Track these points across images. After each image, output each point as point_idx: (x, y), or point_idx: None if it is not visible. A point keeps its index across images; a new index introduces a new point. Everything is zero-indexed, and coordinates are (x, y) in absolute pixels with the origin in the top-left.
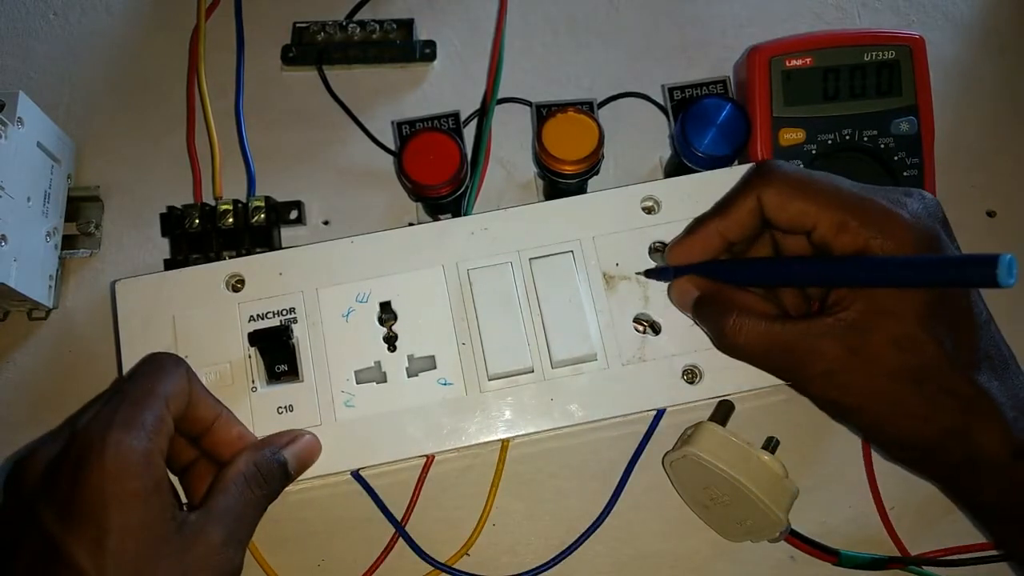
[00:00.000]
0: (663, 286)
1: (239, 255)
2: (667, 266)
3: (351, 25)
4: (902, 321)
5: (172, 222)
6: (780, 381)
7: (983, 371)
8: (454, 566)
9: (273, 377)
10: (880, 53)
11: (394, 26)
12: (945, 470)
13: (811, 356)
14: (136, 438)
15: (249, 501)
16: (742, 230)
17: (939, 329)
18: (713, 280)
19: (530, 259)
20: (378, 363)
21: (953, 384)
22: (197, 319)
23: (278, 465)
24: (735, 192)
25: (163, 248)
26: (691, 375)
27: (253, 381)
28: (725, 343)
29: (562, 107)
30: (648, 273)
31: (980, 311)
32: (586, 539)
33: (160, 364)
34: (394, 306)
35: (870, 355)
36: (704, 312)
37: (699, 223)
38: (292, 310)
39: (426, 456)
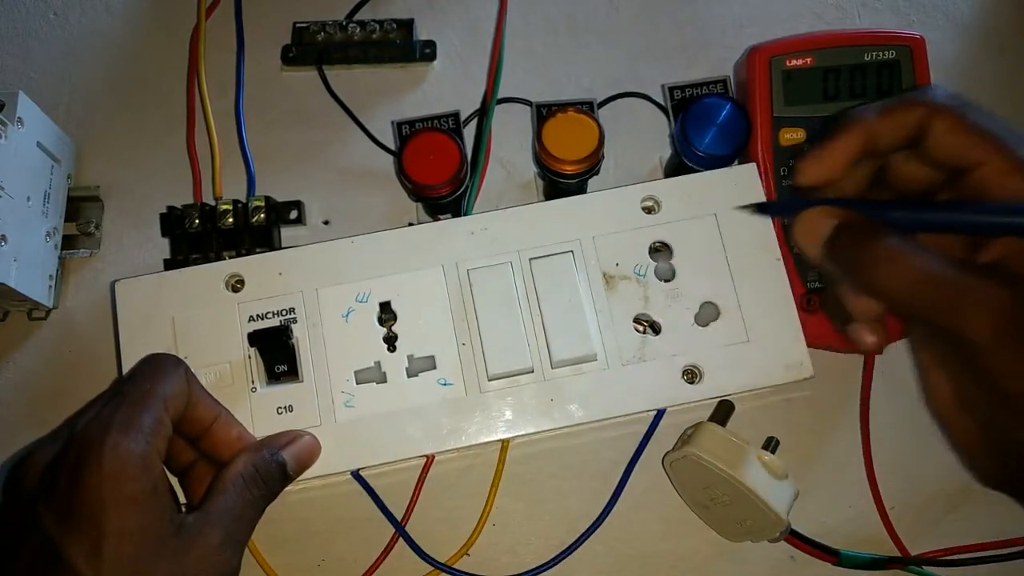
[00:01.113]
0: (664, 286)
1: (239, 255)
2: (789, 199)
3: (351, 25)
4: None
5: (172, 222)
6: (780, 381)
7: None
8: (454, 566)
9: (273, 377)
10: (880, 53)
11: (394, 26)
12: None
13: (975, 306)
14: (134, 440)
15: (248, 502)
16: (894, 139)
17: None
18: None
19: (530, 259)
20: (378, 363)
21: None
22: (197, 319)
23: (277, 466)
24: (901, 100)
25: (163, 248)
26: (691, 375)
27: (253, 381)
28: (876, 272)
29: (562, 107)
30: (761, 207)
31: None
32: (586, 539)
33: (159, 365)
34: (394, 306)
35: None
36: (847, 239)
37: (844, 123)
38: (292, 310)
39: (426, 456)
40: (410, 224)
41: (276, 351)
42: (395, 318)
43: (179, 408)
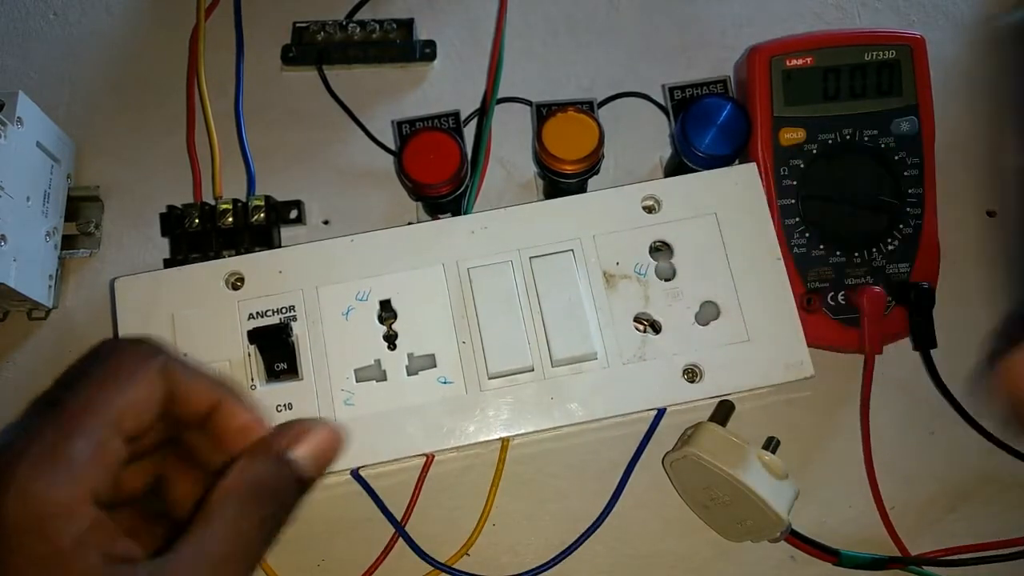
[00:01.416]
0: (664, 285)
1: (239, 255)
2: None
3: (351, 25)
4: None
5: (172, 222)
6: (781, 381)
7: None
8: (454, 566)
9: (272, 375)
10: (880, 53)
11: (394, 26)
12: None
13: None
14: (53, 480)
15: (245, 531)
16: None
17: None
18: None
19: (530, 258)
20: (378, 361)
21: None
22: (196, 317)
23: (288, 471)
24: None
25: (163, 248)
26: (691, 374)
27: (252, 379)
28: None
29: (562, 107)
30: None
31: None
32: (586, 539)
33: (118, 359)
34: (394, 304)
35: None
36: None
37: None
38: (292, 308)
39: (426, 455)
40: (410, 224)
41: (276, 349)
42: (395, 316)
43: (142, 419)
